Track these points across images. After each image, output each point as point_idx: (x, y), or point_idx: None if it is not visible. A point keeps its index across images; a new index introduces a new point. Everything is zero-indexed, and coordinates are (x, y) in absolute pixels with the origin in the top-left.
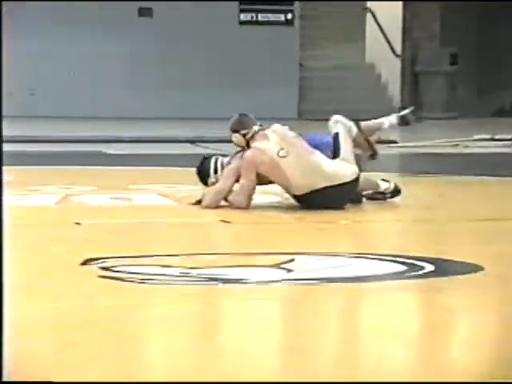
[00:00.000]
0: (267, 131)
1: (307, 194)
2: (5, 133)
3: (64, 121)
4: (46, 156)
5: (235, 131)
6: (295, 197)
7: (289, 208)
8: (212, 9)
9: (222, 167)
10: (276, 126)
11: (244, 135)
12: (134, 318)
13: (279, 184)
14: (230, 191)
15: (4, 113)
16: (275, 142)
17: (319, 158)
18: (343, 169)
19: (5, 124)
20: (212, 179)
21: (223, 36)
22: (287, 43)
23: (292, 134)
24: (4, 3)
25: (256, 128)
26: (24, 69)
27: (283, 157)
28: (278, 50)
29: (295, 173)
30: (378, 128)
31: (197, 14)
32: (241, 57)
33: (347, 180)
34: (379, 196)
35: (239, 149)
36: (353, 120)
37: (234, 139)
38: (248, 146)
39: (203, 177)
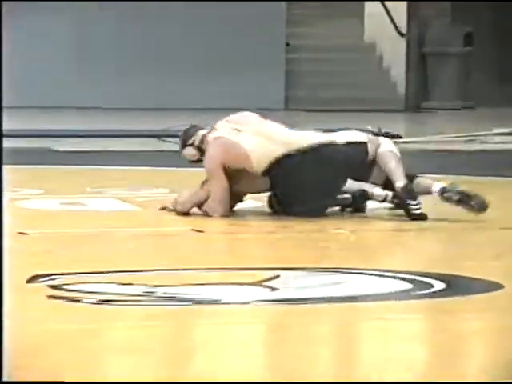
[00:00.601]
0: (218, 123)
1: (270, 169)
2: None
3: (4, 112)
4: None
5: (183, 146)
6: (268, 191)
7: (272, 215)
8: None
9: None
10: (232, 116)
11: (192, 144)
12: (90, 345)
13: (245, 168)
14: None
15: None
16: (227, 127)
17: (275, 124)
18: (303, 135)
19: None
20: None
21: (196, 11)
22: (272, 19)
23: (256, 119)
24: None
25: (203, 132)
26: None
27: (237, 131)
28: (259, 27)
29: (252, 143)
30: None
31: None
32: (217, 36)
33: (305, 145)
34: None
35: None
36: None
37: (186, 156)
38: (202, 153)
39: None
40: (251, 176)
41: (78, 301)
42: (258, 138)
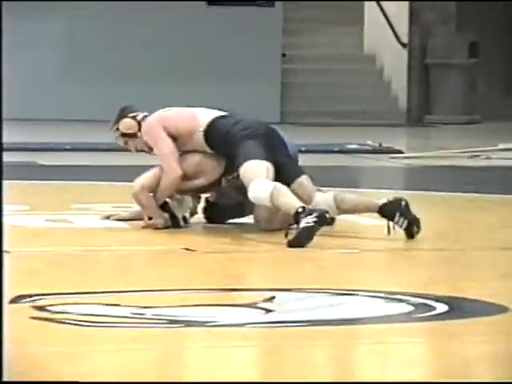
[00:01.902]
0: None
1: (208, 129)
2: None
3: None
4: None
5: (122, 117)
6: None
7: (266, 232)
8: None
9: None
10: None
11: (133, 117)
12: (74, 370)
13: (190, 132)
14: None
15: None
16: None
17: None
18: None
19: None
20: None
21: (187, 18)
22: (266, 28)
23: None
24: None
25: (145, 113)
26: None
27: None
28: (254, 37)
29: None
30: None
31: None
32: (209, 44)
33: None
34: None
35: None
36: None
37: (121, 128)
38: (140, 128)
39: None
40: (203, 161)
41: (63, 322)
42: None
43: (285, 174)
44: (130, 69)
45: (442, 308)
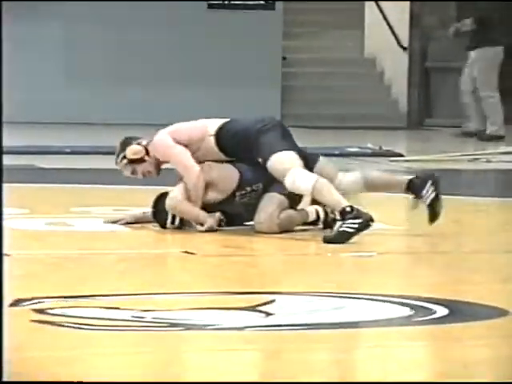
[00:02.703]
0: None
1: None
2: None
3: None
4: None
5: (124, 147)
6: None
7: (265, 235)
8: None
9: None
10: None
11: (138, 143)
12: (74, 373)
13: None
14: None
15: None
16: None
17: None
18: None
19: None
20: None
21: (187, 22)
22: (267, 31)
23: None
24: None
25: (148, 140)
26: None
27: None
28: (255, 40)
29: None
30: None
31: None
32: (209, 48)
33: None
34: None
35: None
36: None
37: (128, 154)
38: (147, 152)
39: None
40: (218, 174)
41: (63, 325)
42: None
43: (304, 159)
44: (130, 72)
45: (442, 311)
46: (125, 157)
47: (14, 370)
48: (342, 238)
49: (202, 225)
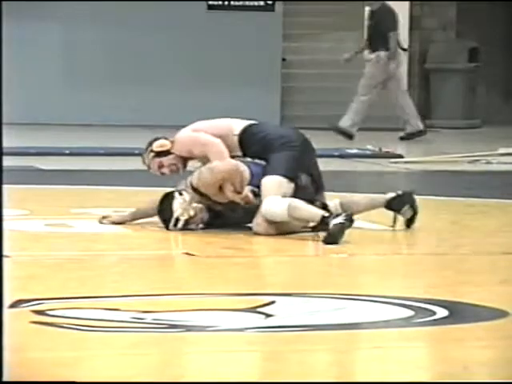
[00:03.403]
0: None
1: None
2: None
3: None
4: None
5: (154, 140)
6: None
7: (267, 237)
8: None
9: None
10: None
11: (165, 138)
12: (75, 374)
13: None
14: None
15: None
16: None
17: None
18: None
19: None
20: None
21: (188, 23)
22: (267, 33)
23: None
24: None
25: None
26: None
27: None
28: (254, 42)
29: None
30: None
31: None
32: (209, 49)
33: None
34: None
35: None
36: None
37: (154, 147)
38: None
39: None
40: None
41: (63, 327)
42: None
43: (316, 184)
44: (129, 73)
45: (442, 313)
46: (152, 150)
47: (14, 370)
48: (336, 232)
49: (239, 193)
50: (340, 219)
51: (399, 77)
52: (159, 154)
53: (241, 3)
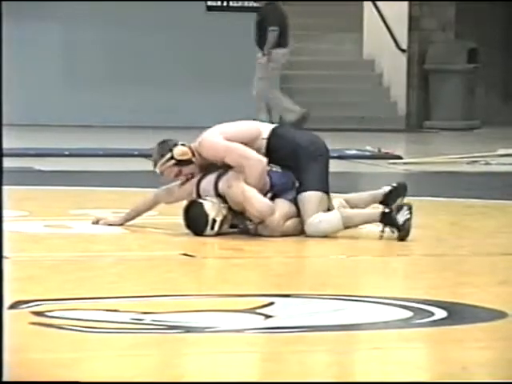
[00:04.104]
0: None
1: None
2: None
3: None
4: None
5: (165, 150)
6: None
7: (266, 238)
8: None
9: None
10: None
11: (183, 144)
12: (74, 375)
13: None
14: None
15: None
16: None
17: None
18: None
19: None
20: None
21: (187, 24)
22: None
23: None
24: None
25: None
26: None
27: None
28: (254, 43)
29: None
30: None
31: None
32: (208, 50)
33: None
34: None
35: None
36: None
37: (176, 155)
38: (193, 154)
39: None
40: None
41: (62, 328)
42: None
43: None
44: (129, 74)
45: (441, 314)
46: (172, 157)
47: (13, 371)
48: (409, 227)
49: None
50: (406, 213)
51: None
52: (180, 162)
53: (239, 4)
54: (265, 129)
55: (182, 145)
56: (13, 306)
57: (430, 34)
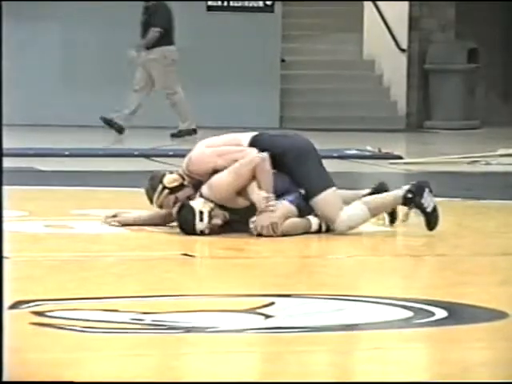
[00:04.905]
0: None
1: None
2: None
3: None
4: None
5: (155, 184)
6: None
7: (267, 238)
8: None
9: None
10: None
11: (171, 172)
12: (74, 375)
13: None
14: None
15: None
16: None
17: None
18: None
19: None
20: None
21: (187, 25)
22: (266, 34)
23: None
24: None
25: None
26: None
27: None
28: (254, 43)
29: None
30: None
31: None
32: (208, 50)
33: None
34: None
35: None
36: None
37: (167, 184)
38: (183, 178)
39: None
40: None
41: (62, 328)
42: None
43: None
44: (129, 74)
45: (441, 314)
46: (164, 187)
47: (13, 371)
48: (437, 214)
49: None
50: (429, 198)
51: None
52: (173, 189)
53: (240, 4)
54: (245, 138)
55: (170, 172)
56: (13, 306)
57: (430, 33)
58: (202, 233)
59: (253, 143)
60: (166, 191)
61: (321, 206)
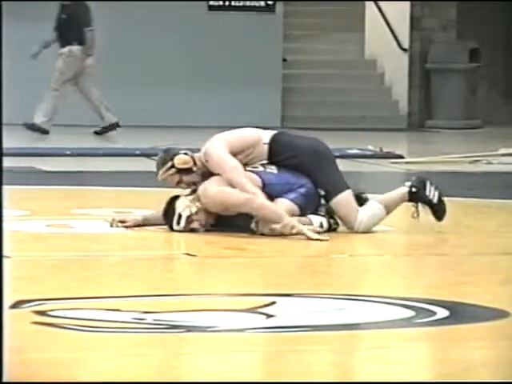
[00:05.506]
0: None
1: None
2: None
3: None
4: None
5: (167, 158)
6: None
7: (268, 238)
8: None
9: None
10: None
11: (185, 153)
12: (75, 374)
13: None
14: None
15: None
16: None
17: None
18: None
19: None
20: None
21: (188, 24)
22: (267, 33)
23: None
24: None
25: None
26: None
27: None
28: (255, 42)
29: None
30: None
31: None
32: (209, 50)
33: None
34: None
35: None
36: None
37: (177, 163)
38: (194, 163)
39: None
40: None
41: (63, 327)
42: None
43: None
44: (129, 74)
45: (442, 313)
46: (173, 166)
47: (14, 371)
48: (444, 206)
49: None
50: (434, 190)
51: (91, 72)
52: (181, 170)
53: (241, 4)
54: (266, 134)
55: (185, 154)
56: (14, 306)
57: (432, 33)
58: (193, 230)
59: (273, 141)
60: (173, 170)
61: (342, 207)
